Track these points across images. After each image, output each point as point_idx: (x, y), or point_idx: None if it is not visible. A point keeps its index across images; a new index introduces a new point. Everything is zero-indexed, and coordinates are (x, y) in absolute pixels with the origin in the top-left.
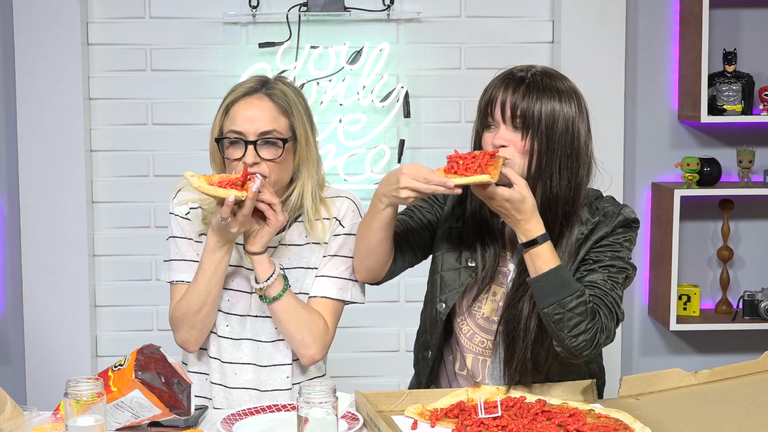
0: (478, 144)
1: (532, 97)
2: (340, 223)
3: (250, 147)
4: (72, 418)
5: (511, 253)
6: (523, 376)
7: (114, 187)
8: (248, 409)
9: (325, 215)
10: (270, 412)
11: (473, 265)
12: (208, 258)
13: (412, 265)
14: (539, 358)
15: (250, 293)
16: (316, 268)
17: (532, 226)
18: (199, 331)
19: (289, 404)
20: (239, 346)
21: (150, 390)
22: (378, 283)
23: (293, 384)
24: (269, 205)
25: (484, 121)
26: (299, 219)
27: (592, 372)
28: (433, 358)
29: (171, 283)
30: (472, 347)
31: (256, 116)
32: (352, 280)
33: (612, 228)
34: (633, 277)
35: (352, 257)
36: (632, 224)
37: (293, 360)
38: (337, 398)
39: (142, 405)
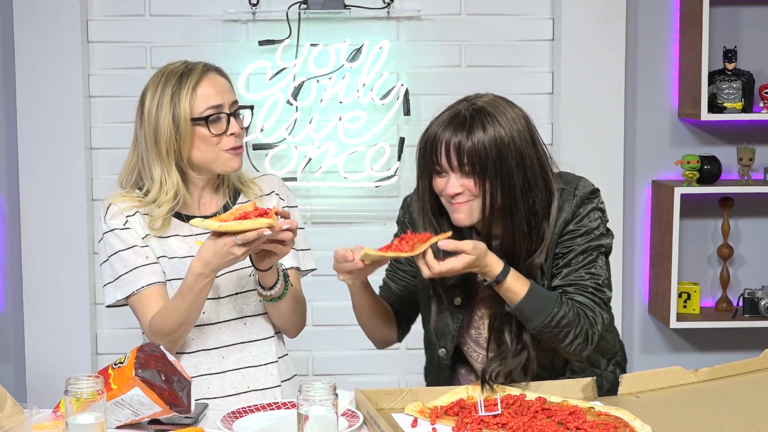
0: (423, 190)
1: (477, 137)
2: (280, 197)
3: (232, 118)
4: (72, 416)
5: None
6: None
7: (114, 186)
8: (248, 406)
9: (260, 192)
10: (270, 409)
11: (459, 303)
12: (190, 285)
13: (417, 315)
14: (543, 357)
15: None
16: None
17: (489, 269)
18: (174, 342)
19: (289, 402)
20: (219, 329)
21: (150, 388)
22: (399, 341)
23: (278, 357)
24: (282, 241)
25: (432, 167)
26: (241, 200)
27: (603, 348)
28: None
29: (132, 294)
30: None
31: (223, 89)
32: (303, 249)
33: (571, 214)
34: (611, 245)
35: (299, 228)
36: (590, 197)
37: (275, 333)
38: (337, 396)
39: (142, 402)
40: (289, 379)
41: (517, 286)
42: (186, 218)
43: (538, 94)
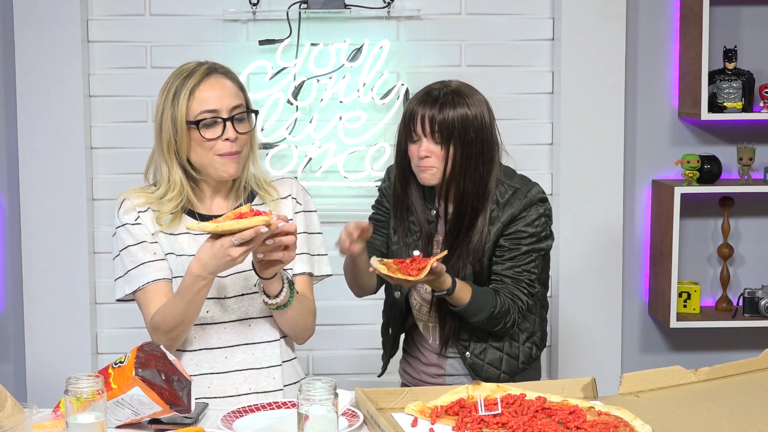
0: (400, 154)
1: (447, 112)
2: (297, 201)
3: (228, 123)
4: (72, 415)
5: (442, 237)
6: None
7: (114, 185)
8: (248, 406)
9: (276, 196)
10: (270, 409)
11: (418, 253)
12: (188, 286)
13: None
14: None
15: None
16: None
17: (440, 284)
18: (174, 340)
19: (290, 401)
20: (224, 329)
21: (150, 387)
22: (375, 292)
23: (283, 361)
24: (286, 246)
25: (409, 135)
26: (256, 202)
27: (522, 327)
28: (394, 335)
29: (138, 289)
30: (420, 317)
31: (224, 94)
32: (318, 255)
33: (519, 210)
34: (551, 246)
35: (316, 233)
36: (539, 203)
37: (281, 336)
38: (337, 395)
39: (143, 402)
40: (295, 383)
41: (462, 294)
42: (199, 217)
43: (538, 94)
